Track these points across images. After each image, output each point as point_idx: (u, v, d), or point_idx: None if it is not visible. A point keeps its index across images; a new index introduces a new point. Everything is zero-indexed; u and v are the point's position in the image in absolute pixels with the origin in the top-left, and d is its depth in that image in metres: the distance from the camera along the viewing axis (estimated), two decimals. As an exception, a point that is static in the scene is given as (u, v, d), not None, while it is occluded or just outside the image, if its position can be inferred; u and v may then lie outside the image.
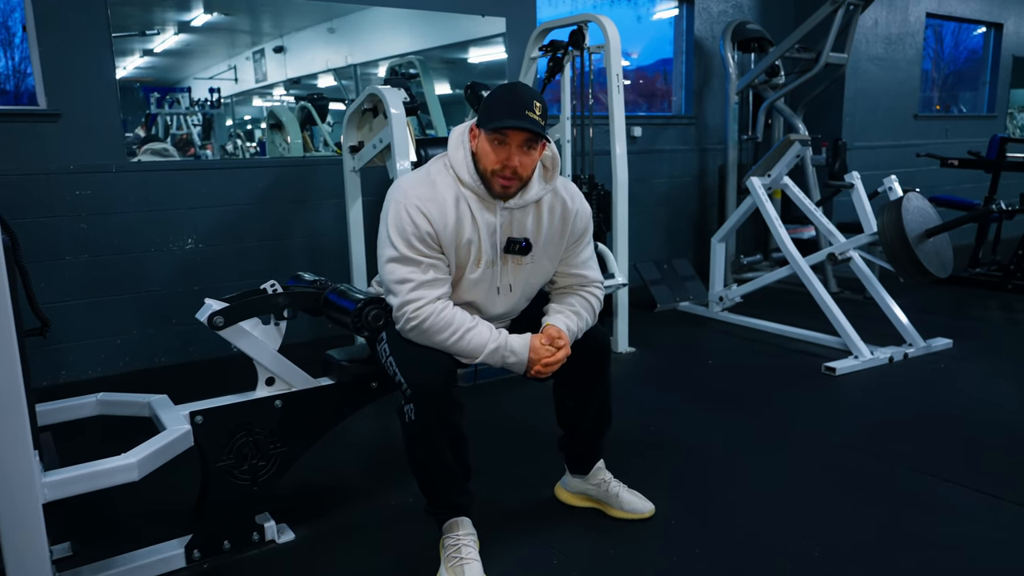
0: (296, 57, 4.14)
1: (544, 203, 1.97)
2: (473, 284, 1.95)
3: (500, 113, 1.80)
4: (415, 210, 1.83)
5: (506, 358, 1.90)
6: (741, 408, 3.08)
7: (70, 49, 3.42)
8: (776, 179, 4.24)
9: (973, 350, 3.81)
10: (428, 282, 1.85)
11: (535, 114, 1.80)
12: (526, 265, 1.99)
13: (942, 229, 3.70)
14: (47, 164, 3.43)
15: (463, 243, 1.89)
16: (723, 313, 4.53)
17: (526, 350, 1.91)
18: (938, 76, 7.50)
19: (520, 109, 1.78)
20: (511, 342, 1.91)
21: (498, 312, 2.03)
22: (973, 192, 6.29)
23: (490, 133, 1.83)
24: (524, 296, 2.07)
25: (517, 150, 1.82)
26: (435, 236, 1.85)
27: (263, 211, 4.02)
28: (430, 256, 1.85)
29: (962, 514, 2.19)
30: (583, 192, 3.90)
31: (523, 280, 2.01)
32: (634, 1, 5.56)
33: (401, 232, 1.84)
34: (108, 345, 3.70)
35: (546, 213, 1.98)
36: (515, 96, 1.82)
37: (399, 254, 1.84)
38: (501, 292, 1.98)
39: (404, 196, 1.86)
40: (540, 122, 1.81)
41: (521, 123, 1.78)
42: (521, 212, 1.94)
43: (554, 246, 2.02)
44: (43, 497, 1.54)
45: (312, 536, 2.13)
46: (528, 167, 1.86)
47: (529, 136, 1.82)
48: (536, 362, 1.91)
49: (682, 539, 2.08)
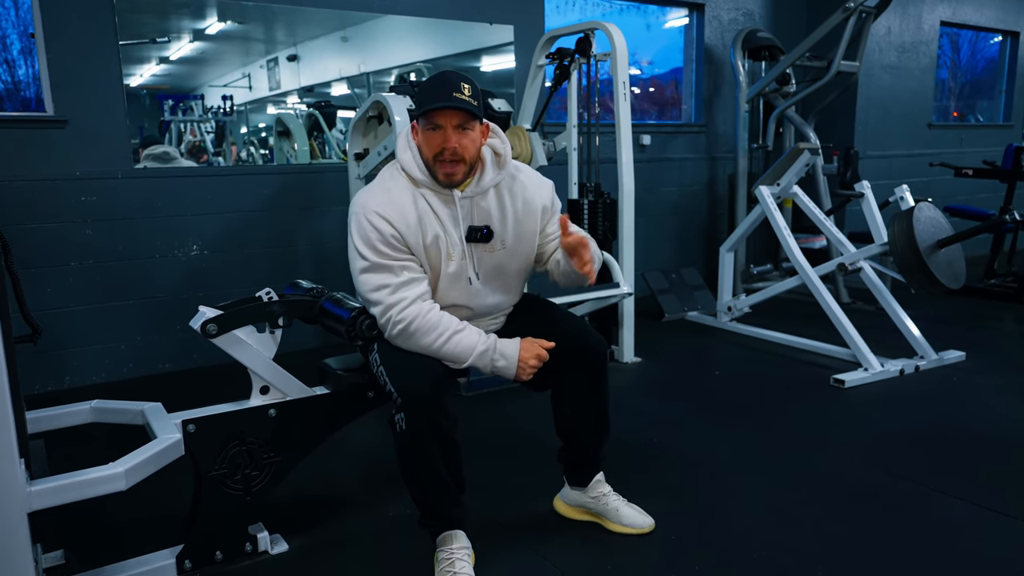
0: (309, 65, 4.16)
1: (503, 188, 1.98)
2: (453, 279, 1.94)
3: (429, 99, 1.83)
4: (375, 216, 1.84)
5: (495, 361, 1.88)
6: (747, 420, 3.03)
7: (78, 56, 3.44)
8: (785, 188, 4.19)
9: (987, 363, 3.74)
10: (405, 283, 1.85)
11: (463, 95, 1.81)
12: (498, 251, 1.98)
13: (954, 240, 3.64)
14: (54, 170, 3.45)
15: (430, 241, 1.89)
16: (731, 323, 4.48)
17: (516, 354, 1.88)
18: (955, 85, 7.42)
19: (447, 91, 1.80)
20: (500, 345, 1.88)
21: (485, 306, 2.01)
22: (988, 202, 6.19)
23: (424, 123, 1.85)
24: (506, 285, 2.04)
25: (453, 132, 1.83)
26: (400, 238, 1.85)
27: (269, 218, 4.02)
28: (399, 258, 1.86)
29: (971, 532, 2.13)
30: (589, 200, 3.92)
31: (496, 267, 1.99)
32: (643, 9, 5.53)
33: (366, 240, 1.84)
34: (112, 351, 3.70)
35: (507, 198, 1.98)
36: (442, 81, 1.84)
37: (370, 263, 1.85)
38: (473, 282, 1.96)
39: (363, 207, 1.87)
40: (470, 101, 1.81)
41: (449, 103, 1.79)
42: (481, 198, 1.94)
43: (524, 226, 2.00)
44: (29, 506, 1.52)
45: (306, 547, 2.10)
46: (469, 148, 1.86)
47: (462, 117, 1.82)
48: (527, 359, 1.88)
49: (682, 556, 2.03)
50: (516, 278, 2.07)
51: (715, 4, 5.62)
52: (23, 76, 3.76)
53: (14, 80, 3.79)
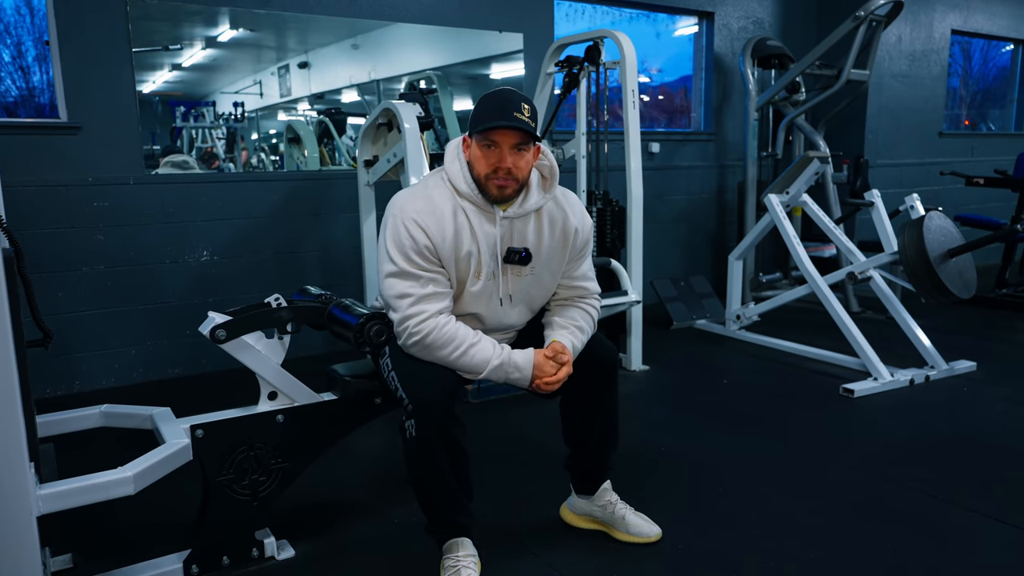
0: (320, 72, 4.18)
1: (544, 213, 1.96)
2: (475, 297, 1.93)
3: (488, 117, 1.80)
4: (412, 224, 1.83)
5: (510, 374, 1.88)
6: (755, 429, 3.01)
7: (91, 63, 3.47)
8: (795, 196, 4.18)
9: (998, 373, 3.71)
10: (428, 296, 1.84)
11: (523, 115, 1.79)
12: (526, 277, 1.97)
13: (965, 249, 3.62)
14: (66, 176, 3.48)
15: (462, 256, 1.88)
16: (740, 332, 4.47)
17: (530, 366, 1.89)
18: (966, 93, 7.38)
19: (508, 111, 1.78)
20: (515, 357, 1.89)
21: (502, 325, 2.01)
22: (1000, 211, 6.16)
23: (480, 139, 1.83)
24: (527, 309, 2.04)
25: (509, 152, 1.82)
26: (433, 249, 1.84)
27: (278, 224, 4.04)
28: (429, 270, 1.84)
29: (980, 543, 2.11)
30: (597, 207, 3.92)
31: (523, 292, 1.99)
32: (653, 18, 5.54)
33: (399, 246, 1.83)
34: (123, 356, 3.72)
35: (547, 224, 1.96)
36: (502, 99, 1.81)
37: (398, 269, 1.83)
38: (503, 304, 1.96)
39: (401, 211, 1.86)
40: (530, 123, 1.80)
41: (509, 123, 1.77)
42: (521, 222, 1.93)
43: (556, 260, 2.00)
44: (38, 510, 1.53)
45: (312, 553, 2.10)
46: (522, 168, 1.85)
47: (519, 138, 1.81)
48: (539, 378, 1.89)
49: (689, 565, 2.02)
50: (536, 304, 2.06)
51: (725, 12, 5.62)
52: (37, 82, 3.80)
53: (28, 86, 3.83)
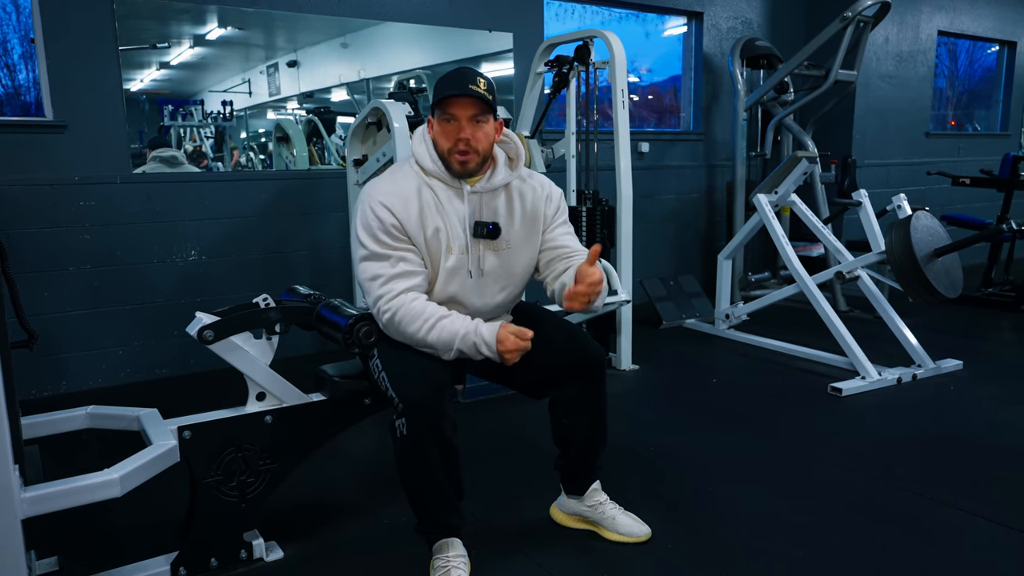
0: (310, 71, 4.17)
1: (513, 188, 2.02)
2: (451, 273, 1.95)
3: (443, 89, 1.86)
4: (378, 205, 1.88)
5: (478, 346, 1.86)
6: (744, 428, 3.02)
7: (77, 61, 3.44)
8: (783, 196, 4.20)
9: (984, 372, 3.74)
10: (398, 275, 1.88)
11: (479, 87, 1.84)
12: (502, 251, 1.99)
13: (952, 248, 3.65)
14: (52, 175, 3.45)
15: (431, 233, 1.91)
16: (729, 331, 4.48)
17: (494, 337, 1.85)
18: (952, 94, 7.44)
19: (463, 82, 1.85)
20: (481, 328, 1.87)
21: (482, 304, 2.01)
22: (985, 211, 6.21)
23: (440, 114, 1.88)
24: (506, 287, 2.04)
25: (467, 124, 1.86)
26: (400, 227, 1.88)
27: (267, 224, 4.02)
28: (398, 248, 1.88)
29: (968, 541, 2.13)
30: (587, 207, 3.92)
31: (501, 267, 2.00)
32: (642, 18, 5.55)
33: (368, 229, 1.88)
34: (110, 356, 3.70)
35: (517, 199, 2.02)
36: (457, 74, 1.88)
37: (368, 251, 1.89)
38: (474, 276, 1.97)
39: (368, 196, 1.92)
40: (485, 95, 1.85)
41: (462, 91, 1.83)
42: (490, 197, 1.98)
43: (530, 229, 2.03)
44: (22, 512, 1.52)
45: (301, 555, 2.09)
46: (482, 140, 1.89)
47: (476, 108, 1.86)
48: (502, 350, 1.85)
49: (678, 564, 2.03)
50: (517, 280, 2.07)
51: (714, 13, 5.64)
52: (23, 80, 3.76)
53: (14, 84, 3.79)
